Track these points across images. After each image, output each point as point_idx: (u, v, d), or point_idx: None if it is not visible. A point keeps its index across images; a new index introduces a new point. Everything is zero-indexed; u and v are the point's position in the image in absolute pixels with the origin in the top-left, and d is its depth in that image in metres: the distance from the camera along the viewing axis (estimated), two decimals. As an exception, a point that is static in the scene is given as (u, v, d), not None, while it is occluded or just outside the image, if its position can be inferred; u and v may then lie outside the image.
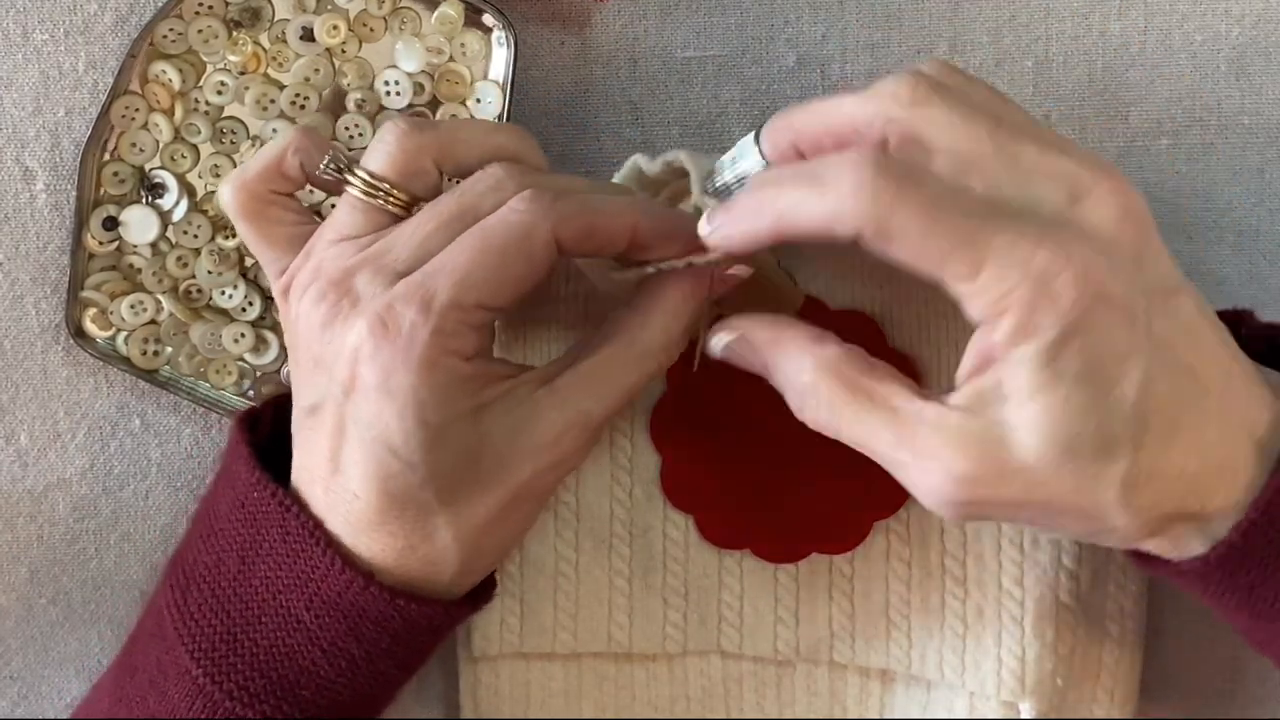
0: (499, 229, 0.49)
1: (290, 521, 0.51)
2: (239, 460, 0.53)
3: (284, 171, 0.52)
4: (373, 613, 0.50)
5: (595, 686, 0.61)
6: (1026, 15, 0.60)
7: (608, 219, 0.50)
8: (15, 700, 0.62)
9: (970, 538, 0.59)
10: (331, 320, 0.49)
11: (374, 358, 0.48)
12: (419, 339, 0.48)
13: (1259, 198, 0.62)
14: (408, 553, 0.50)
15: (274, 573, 0.51)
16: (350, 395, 0.49)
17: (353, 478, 0.50)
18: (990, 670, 0.59)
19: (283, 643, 0.51)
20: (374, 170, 0.51)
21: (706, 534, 0.59)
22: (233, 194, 0.52)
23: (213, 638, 0.51)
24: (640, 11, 0.60)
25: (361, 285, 0.49)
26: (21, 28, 0.58)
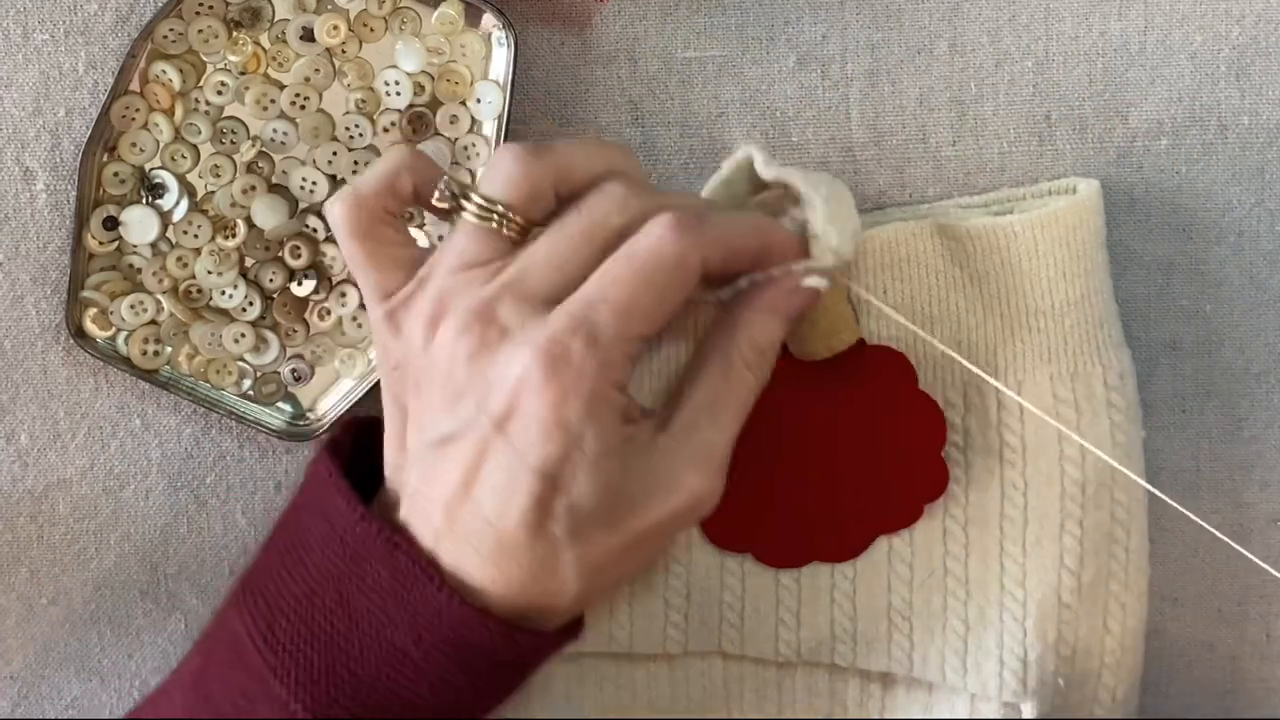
0: (654, 258, 0.50)
1: (399, 558, 0.50)
2: (335, 493, 0.52)
3: (396, 190, 0.52)
4: (486, 646, 0.50)
5: (595, 686, 0.61)
6: (1026, 15, 0.60)
7: (744, 241, 0.52)
8: (15, 700, 0.62)
9: (972, 539, 0.59)
10: (480, 351, 0.49)
11: (543, 390, 0.48)
12: (588, 371, 0.48)
13: (1259, 198, 0.62)
14: (530, 583, 0.50)
15: (378, 607, 0.50)
16: (505, 424, 0.49)
17: (487, 504, 0.49)
18: (992, 671, 0.59)
19: (387, 677, 0.50)
20: (492, 195, 0.51)
21: (710, 536, 0.59)
22: (346, 211, 0.52)
23: (310, 670, 0.50)
24: (640, 11, 0.60)
25: (507, 314, 0.49)
26: (21, 28, 0.58)
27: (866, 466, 0.58)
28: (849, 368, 0.58)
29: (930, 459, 0.58)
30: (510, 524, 0.49)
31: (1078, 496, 0.58)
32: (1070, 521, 0.58)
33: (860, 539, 0.59)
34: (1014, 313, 0.58)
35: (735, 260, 0.52)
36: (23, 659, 0.62)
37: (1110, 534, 0.59)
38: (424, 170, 0.52)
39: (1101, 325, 0.59)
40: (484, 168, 0.51)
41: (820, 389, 0.58)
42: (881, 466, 0.58)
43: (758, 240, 0.52)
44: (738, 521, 0.59)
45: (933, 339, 0.57)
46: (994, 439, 0.58)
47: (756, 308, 0.53)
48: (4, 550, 0.61)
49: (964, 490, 0.59)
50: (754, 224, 0.53)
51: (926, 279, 0.58)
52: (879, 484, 0.58)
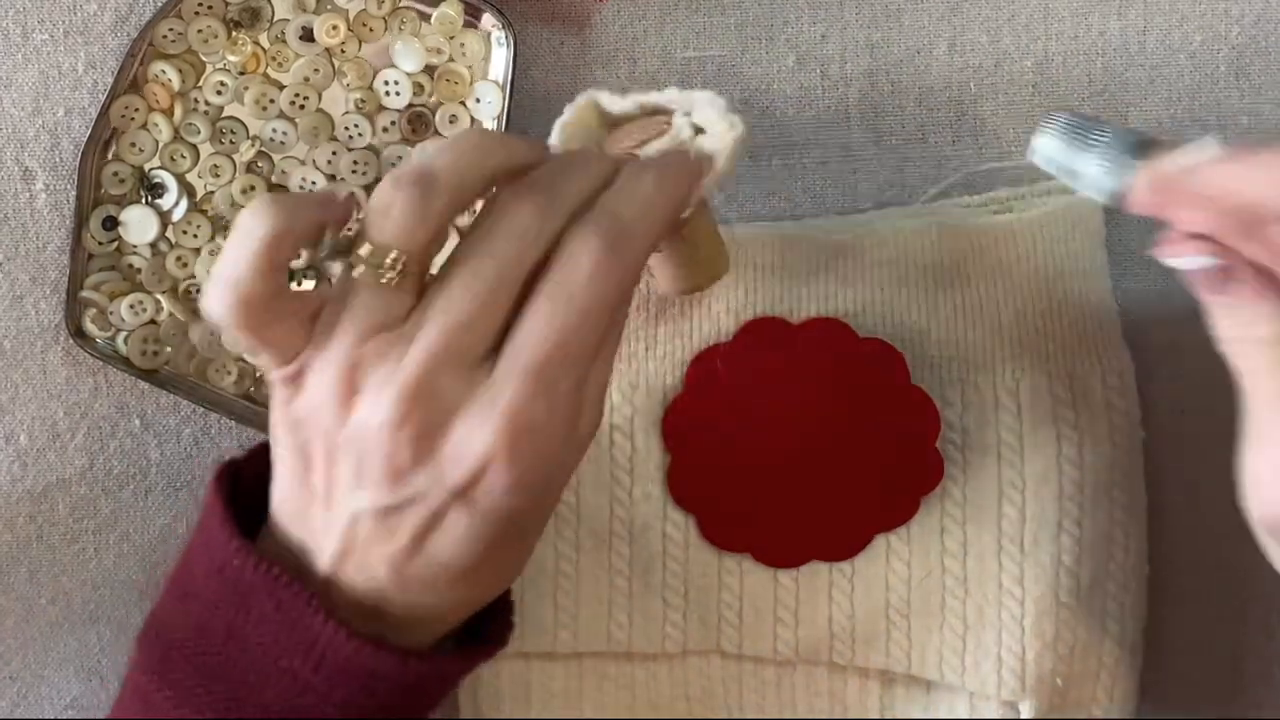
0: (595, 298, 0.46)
1: (281, 591, 0.48)
2: (216, 523, 0.49)
3: (276, 265, 0.46)
4: (385, 671, 0.48)
5: (595, 686, 0.61)
6: (1026, 15, 0.60)
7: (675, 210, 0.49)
8: (15, 700, 0.62)
9: (970, 537, 0.59)
10: (428, 434, 0.46)
11: (513, 463, 0.46)
12: (557, 433, 0.46)
13: (1259, 198, 0.61)
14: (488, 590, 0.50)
15: (271, 638, 0.48)
16: (467, 493, 0.46)
17: (445, 554, 0.47)
18: (990, 670, 0.59)
19: (293, 705, 0.48)
20: (386, 243, 0.46)
21: (708, 535, 0.59)
22: (233, 312, 0.46)
23: (215, 705, 0.49)
24: (640, 11, 0.60)
25: (448, 390, 0.46)
26: (21, 28, 0.58)
27: (862, 462, 0.58)
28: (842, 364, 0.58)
29: (924, 450, 0.58)
30: (469, 561, 0.48)
31: (1076, 496, 0.58)
32: (1069, 521, 0.58)
33: (858, 537, 0.59)
34: (1010, 313, 0.58)
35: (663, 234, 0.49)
36: (23, 659, 0.62)
37: (1109, 534, 0.59)
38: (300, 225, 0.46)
39: (1100, 325, 0.59)
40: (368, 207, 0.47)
41: (814, 387, 0.58)
42: (877, 461, 0.58)
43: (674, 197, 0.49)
44: (736, 521, 0.59)
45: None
46: (991, 438, 0.58)
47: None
48: (4, 550, 0.61)
49: (961, 488, 0.59)
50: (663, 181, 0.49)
51: (924, 278, 0.58)
52: (875, 479, 0.58)
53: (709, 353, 0.58)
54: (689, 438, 0.59)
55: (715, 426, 0.58)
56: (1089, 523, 0.59)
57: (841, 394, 0.58)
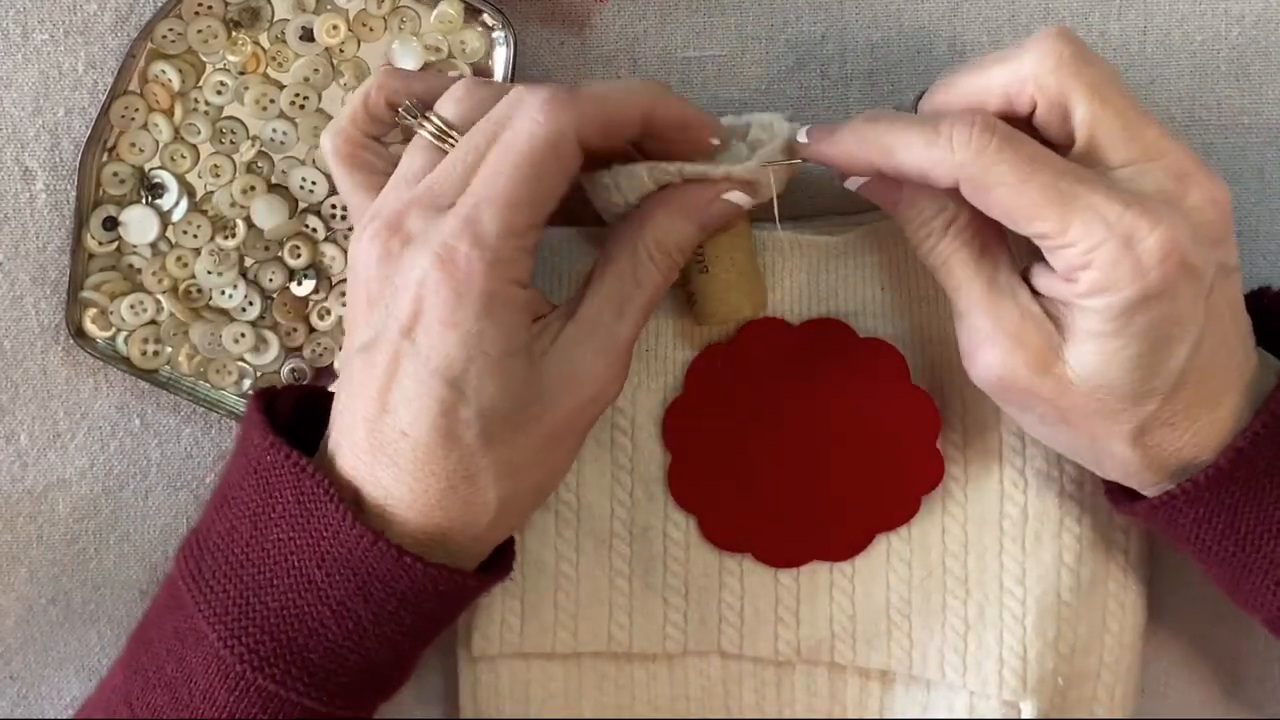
0: (527, 144, 0.50)
1: (304, 481, 0.51)
2: (252, 428, 0.53)
3: (372, 112, 0.54)
4: (381, 571, 0.51)
5: (595, 686, 0.61)
6: (1026, 15, 0.60)
7: (622, 107, 0.52)
8: (15, 700, 0.62)
9: (971, 537, 0.59)
10: (386, 257, 0.51)
11: (438, 291, 0.49)
12: (477, 271, 0.49)
13: (1259, 198, 0.62)
14: (449, 494, 0.51)
15: (287, 534, 0.52)
16: (411, 330, 0.50)
17: (402, 416, 0.50)
18: (991, 670, 0.59)
19: (293, 604, 0.51)
20: (445, 116, 0.53)
21: (709, 535, 0.59)
22: (331, 142, 0.55)
23: (226, 603, 0.52)
24: (640, 11, 0.60)
25: (412, 223, 0.51)
26: (21, 28, 0.58)
27: (863, 462, 0.58)
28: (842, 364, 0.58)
29: (925, 450, 0.58)
30: (423, 432, 0.50)
31: (1077, 495, 0.58)
32: (1069, 520, 0.58)
33: (859, 537, 0.59)
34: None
35: (617, 130, 0.52)
36: (23, 659, 0.62)
37: (1109, 533, 0.59)
38: (395, 87, 0.54)
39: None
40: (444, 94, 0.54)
41: (814, 387, 0.58)
42: (878, 461, 0.58)
43: (639, 106, 0.52)
44: (736, 521, 0.59)
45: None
46: (992, 438, 0.58)
47: (671, 208, 0.54)
48: (4, 550, 0.61)
49: (963, 489, 0.59)
50: (639, 88, 0.53)
51: (924, 278, 0.58)
52: (876, 479, 0.58)
53: (709, 353, 0.59)
54: (689, 438, 0.59)
55: (715, 426, 0.59)
56: (1090, 521, 0.59)
57: (841, 394, 0.58)
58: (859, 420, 0.58)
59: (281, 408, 0.55)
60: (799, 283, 0.59)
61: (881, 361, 0.58)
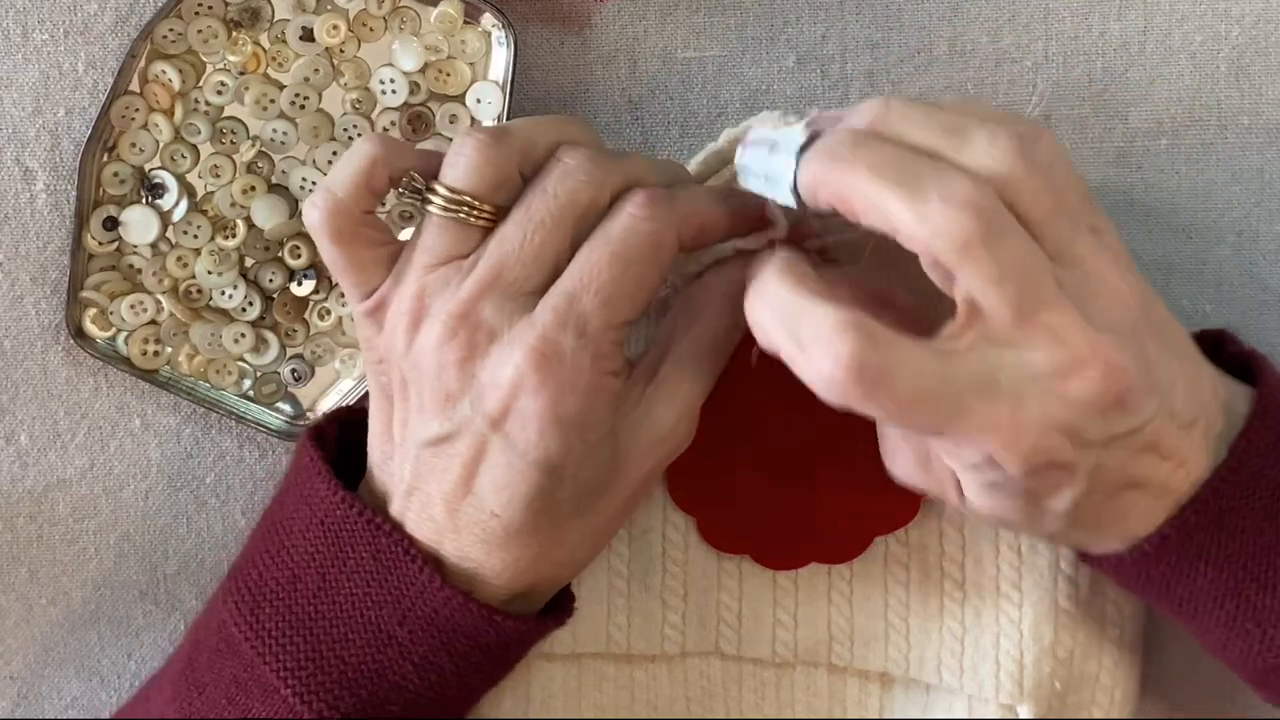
0: (630, 239, 0.50)
1: (381, 540, 0.51)
2: (315, 478, 0.52)
3: (371, 186, 0.51)
4: (468, 628, 0.51)
5: (595, 687, 0.61)
6: (1026, 15, 0.60)
7: (714, 212, 0.52)
8: (15, 700, 0.62)
9: (969, 540, 0.59)
10: (469, 356, 0.49)
11: (539, 391, 0.48)
12: (583, 366, 0.49)
13: (1259, 198, 0.62)
14: (540, 560, 0.51)
15: (362, 590, 0.51)
16: (501, 424, 0.49)
17: (491, 499, 0.50)
18: (989, 673, 0.59)
19: (373, 659, 0.51)
20: (458, 186, 0.50)
21: (707, 537, 0.59)
22: (326, 217, 0.51)
23: (298, 656, 0.51)
24: (640, 11, 0.60)
25: (491, 315, 0.49)
26: (21, 28, 0.58)
27: (862, 464, 0.58)
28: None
29: None
30: (517, 514, 0.50)
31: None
32: (1068, 525, 0.58)
33: (858, 540, 0.59)
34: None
35: (708, 232, 0.52)
36: (22, 659, 0.62)
37: (1108, 537, 0.59)
38: (396, 160, 0.51)
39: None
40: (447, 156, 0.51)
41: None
42: (877, 463, 0.58)
43: (727, 210, 0.52)
44: (735, 523, 0.59)
45: None
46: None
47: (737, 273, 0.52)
48: (4, 550, 0.61)
49: (962, 491, 0.59)
50: (720, 195, 0.53)
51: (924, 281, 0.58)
52: (875, 483, 0.58)
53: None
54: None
55: (715, 428, 0.58)
56: (1088, 526, 0.59)
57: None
58: (859, 422, 0.58)
59: (328, 438, 0.55)
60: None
61: None
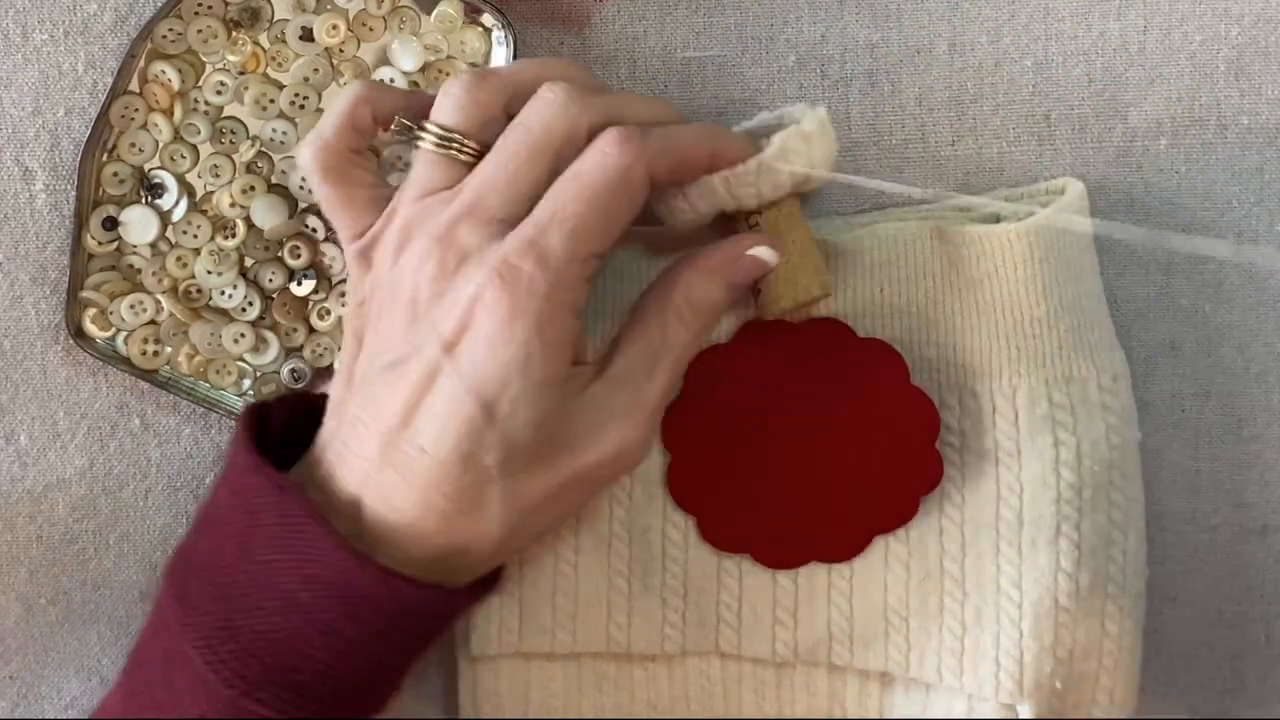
0: (599, 174, 0.51)
1: (287, 503, 0.51)
2: (238, 446, 0.53)
3: (357, 125, 0.53)
4: (369, 593, 0.50)
5: (594, 687, 0.61)
6: (1026, 15, 0.60)
7: (692, 150, 0.53)
8: (15, 700, 0.62)
9: (969, 540, 0.59)
10: (440, 274, 0.51)
11: (494, 307, 0.49)
12: (539, 291, 0.49)
13: (1258, 198, 0.62)
14: (455, 517, 0.51)
15: (271, 555, 0.51)
16: (454, 346, 0.50)
17: (425, 432, 0.50)
18: (988, 672, 0.59)
19: (279, 626, 0.51)
20: (446, 123, 0.52)
21: (708, 536, 0.59)
22: (314, 155, 0.53)
23: (212, 625, 0.51)
24: (640, 11, 0.60)
25: (465, 237, 0.51)
26: (21, 28, 0.58)
27: (862, 463, 0.58)
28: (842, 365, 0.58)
29: (924, 451, 0.58)
30: (444, 451, 0.50)
31: (1074, 501, 0.58)
32: (1067, 525, 0.58)
33: (858, 539, 0.59)
34: (1008, 320, 0.58)
35: (685, 169, 0.53)
36: (22, 659, 0.62)
37: (1108, 537, 0.59)
38: (381, 101, 0.53)
39: (1094, 328, 0.59)
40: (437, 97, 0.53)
41: (814, 388, 0.58)
42: (876, 462, 0.58)
43: (707, 147, 0.53)
44: (735, 522, 0.59)
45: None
46: (989, 442, 0.58)
47: (700, 267, 0.54)
48: (4, 550, 0.61)
49: (960, 490, 0.59)
50: (701, 131, 0.54)
51: (923, 281, 0.58)
52: (874, 480, 0.58)
53: (709, 353, 0.58)
54: (689, 438, 0.59)
55: (715, 426, 0.58)
56: (1087, 526, 0.58)
57: (841, 394, 0.58)
58: (858, 421, 0.58)
59: (277, 419, 0.55)
60: (799, 283, 0.59)
61: (881, 362, 0.58)
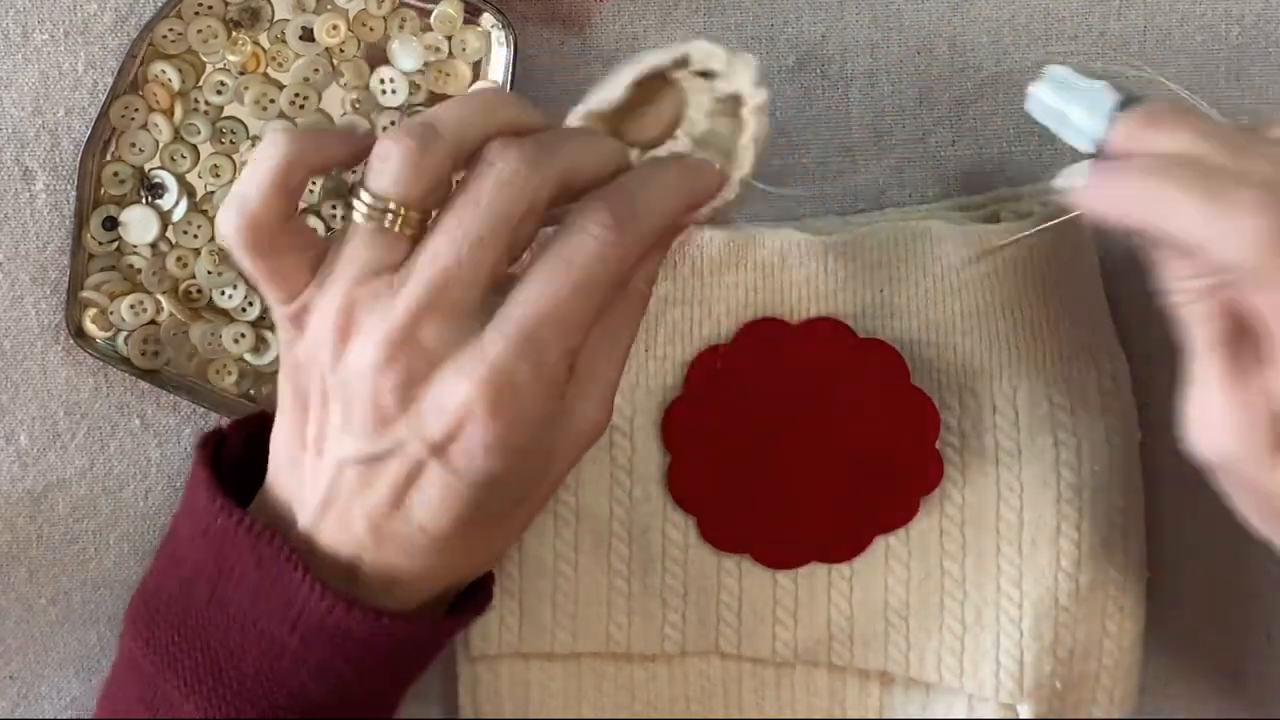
0: (597, 268, 0.47)
1: (263, 547, 0.49)
2: (198, 486, 0.51)
3: (288, 190, 0.47)
4: (358, 633, 0.49)
5: (594, 687, 0.61)
6: (1026, 15, 0.60)
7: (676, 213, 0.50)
8: (15, 700, 0.62)
9: (969, 540, 0.59)
10: (409, 381, 0.47)
11: (490, 423, 0.46)
12: (538, 396, 0.47)
13: (1259, 198, 0.61)
14: (464, 562, 0.51)
15: (250, 599, 0.49)
16: (443, 450, 0.47)
17: (420, 515, 0.48)
18: (989, 673, 0.59)
19: (270, 668, 0.49)
20: (385, 194, 0.47)
21: (708, 536, 0.59)
22: (239, 231, 0.47)
23: (196, 670, 0.50)
24: (640, 11, 0.60)
25: (432, 339, 0.47)
26: (21, 28, 0.58)
27: (862, 463, 0.58)
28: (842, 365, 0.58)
29: (924, 451, 0.58)
30: (447, 527, 0.48)
31: (1074, 501, 0.58)
32: (1067, 525, 0.58)
33: (858, 538, 0.59)
34: (1008, 320, 0.58)
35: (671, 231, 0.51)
36: (22, 659, 0.62)
37: (1108, 538, 0.59)
38: (312, 156, 0.48)
39: (1094, 328, 0.59)
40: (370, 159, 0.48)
41: (814, 388, 0.58)
42: (877, 462, 0.58)
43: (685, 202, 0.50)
44: (735, 522, 0.59)
45: None
46: (989, 442, 0.58)
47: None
48: (3, 550, 0.61)
49: (960, 490, 0.59)
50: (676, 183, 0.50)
51: (923, 281, 0.58)
52: (875, 481, 0.58)
53: (709, 353, 0.58)
54: (689, 438, 0.59)
55: (715, 427, 0.58)
56: (1087, 527, 0.59)
57: (841, 394, 0.58)
58: (858, 421, 0.58)
59: (231, 445, 0.53)
60: (799, 282, 0.59)
61: (881, 362, 0.58)
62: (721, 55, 0.52)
